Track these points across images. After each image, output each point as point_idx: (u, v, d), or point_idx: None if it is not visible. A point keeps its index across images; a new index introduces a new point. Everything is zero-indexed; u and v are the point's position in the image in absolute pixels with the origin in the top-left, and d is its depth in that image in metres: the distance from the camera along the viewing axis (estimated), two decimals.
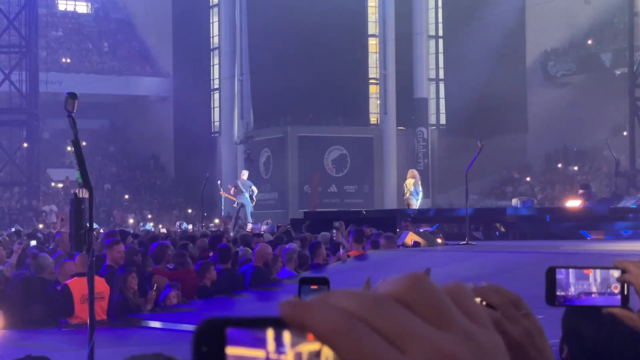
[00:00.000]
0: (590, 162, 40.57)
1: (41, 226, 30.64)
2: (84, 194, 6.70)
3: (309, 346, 0.60)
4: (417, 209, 21.31)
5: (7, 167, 39.40)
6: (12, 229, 23.87)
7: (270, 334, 0.60)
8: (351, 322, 0.60)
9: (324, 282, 1.96)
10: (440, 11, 42.98)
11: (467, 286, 0.65)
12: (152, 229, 28.78)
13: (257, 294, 12.26)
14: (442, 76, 43.11)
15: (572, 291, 1.80)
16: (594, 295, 1.81)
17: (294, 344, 0.60)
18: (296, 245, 14.26)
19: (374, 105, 42.41)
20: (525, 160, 43.18)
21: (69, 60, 47.52)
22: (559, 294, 1.79)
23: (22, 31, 38.50)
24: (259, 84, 41.62)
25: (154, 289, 11.59)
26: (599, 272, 1.82)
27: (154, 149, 47.43)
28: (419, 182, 21.87)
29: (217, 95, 44.92)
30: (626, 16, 34.90)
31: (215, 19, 44.87)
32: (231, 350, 0.60)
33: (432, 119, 43.24)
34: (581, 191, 25.39)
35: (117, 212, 37.08)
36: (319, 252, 13.68)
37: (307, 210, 31.31)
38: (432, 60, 43.06)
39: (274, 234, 18.43)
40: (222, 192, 29.09)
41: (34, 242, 15.35)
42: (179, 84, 46.04)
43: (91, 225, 6.64)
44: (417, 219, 19.52)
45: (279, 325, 0.60)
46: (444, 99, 43.24)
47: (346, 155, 40.79)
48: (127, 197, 44.32)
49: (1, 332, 10.57)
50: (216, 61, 44.84)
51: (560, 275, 1.79)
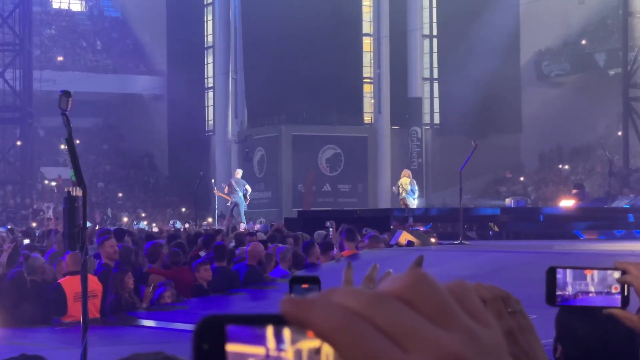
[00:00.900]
0: (584, 162, 40.63)
1: (34, 224, 30.58)
2: (77, 192, 6.68)
3: (309, 343, 0.60)
4: (414, 208, 21.35)
5: (0, 166, 39.33)
6: (7, 227, 23.81)
7: (270, 330, 0.60)
8: (353, 320, 0.60)
9: (314, 281, 1.95)
10: (434, 10, 43.01)
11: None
12: (146, 228, 28.76)
13: (251, 292, 12.26)
14: (436, 75, 43.14)
15: (570, 291, 1.80)
16: (592, 295, 1.80)
17: (294, 341, 0.60)
18: (289, 245, 14.26)
19: (368, 104, 42.42)
20: (519, 159, 43.23)
21: (63, 58, 47.44)
22: (558, 293, 1.79)
23: (16, 29, 38.45)
24: (253, 83, 41.59)
25: (150, 287, 11.58)
26: (599, 272, 1.82)
27: (148, 147, 47.39)
28: (414, 180, 21.92)
29: (211, 93, 44.89)
30: (620, 16, 34.96)
31: (209, 17, 44.85)
32: (231, 347, 0.60)
33: (426, 119, 43.27)
34: (575, 191, 25.42)
35: (97, 212, 36.87)
36: (313, 252, 13.67)
37: (301, 209, 31.31)
38: (426, 59, 43.09)
39: (267, 233, 18.42)
40: (215, 191, 29.07)
41: (27, 241, 15.29)
42: (173, 82, 45.99)
43: (84, 223, 6.63)
44: (413, 218, 19.52)
45: (280, 322, 0.60)
46: (438, 99, 43.27)
47: (340, 154, 40.79)
48: (120, 195, 44.27)
49: None
50: (210, 60, 44.81)
51: (558, 274, 1.79)
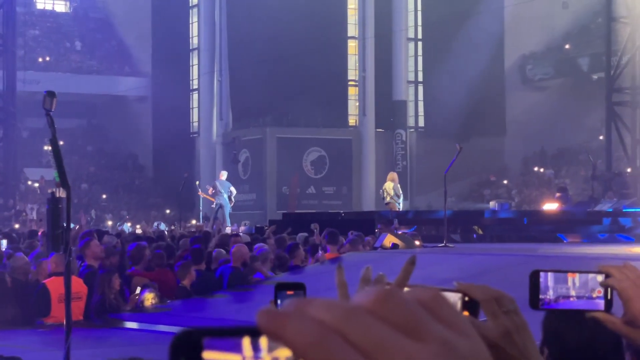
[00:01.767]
0: (567, 166, 40.77)
1: (17, 226, 30.43)
2: (61, 193, 6.65)
3: (286, 351, 0.60)
4: (397, 211, 21.37)
5: None
6: None
7: (246, 339, 0.60)
8: (325, 335, 0.59)
9: (299, 288, 1.94)
10: (419, 14, 43.07)
11: (444, 293, 0.64)
12: (130, 229, 28.67)
13: (234, 294, 12.23)
14: (421, 79, 43.20)
15: (551, 294, 1.80)
16: (572, 299, 1.81)
17: (270, 349, 0.60)
18: (268, 247, 14.22)
19: (353, 107, 42.44)
20: (503, 163, 43.34)
21: (47, 59, 47.24)
22: (541, 297, 1.79)
23: None
24: (238, 85, 41.54)
25: (136, 291, 11.53)
26: (582, 276, 1.82)
27: (132, 148, 47.25)
28: (399, 185, 21.94)
29: (196, 95, 44.81)
30: (604, 20, 35.11)
31: (194, 19, 44.76)
32: (207, 354, 0.60)
33: (411, 122, 43.32)
34: (558, 194, 25.50)
35: (83, 215, 36.81)
36: (297, 254, 13.66)
37: (286, 211, 31.28)
38: (411, 62, 43.14)
39: (252, 235, 18.40)
40: (200, 193, 29.02)
41: (4, 242, 15.15)
42: (158, 84, 45.86)
43: (68, 224, 6.60)
44: (398, 220, 19.53)
45: (256, 334, 0.60)
46: (422, 102, 43.33)
47: (325, 156, 40.79)
48: (104, 196, 44.11)
49: None
50: (195, 61, 44.73)
51: (541, 278, 1.79)
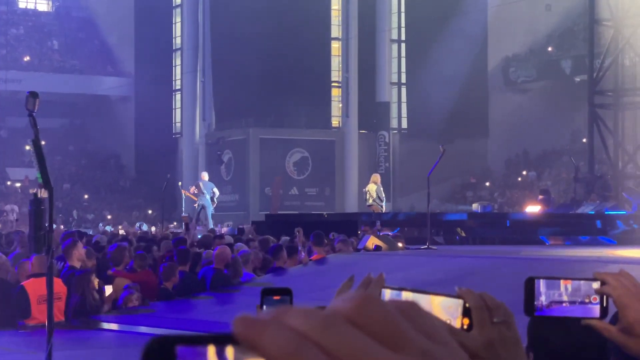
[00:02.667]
0: (550, 168, 40.92)
1: None
2: (43, 194, 6.60)
3: None
4: (380, 212, 21.36)
5: None
6: None
7: (212, 349, 0.58)
8: (301, 345, 0.58)
9: (286, 293, 1.91)
10: (403, 15, 43.12)
11: (446, 299, 0.62)
12: (111, 229, 28.54)
13: (217, 296, 12.19)
14: (404, 80, 43.25)
15: (544, 300, 1.78)
16: (565, 304, 1.79)
17: (237, 359, 0.58)
18: (251, 249, 14.20)
19: (336, 108, 42.45)
20: (485, 165, 43.45)
21: (29, 58, 47.02)
22: (534, 303, 1.78)
23: None
24: (221, 86, 41.47)
25: (112, 291, 11.49)
26: (574, 282, 1.81)
27: (115, 148, 47.10)
28: (381, 187, 21.95)
29: (178, 96, 44.71)
30: (586, 23, 35.27)
31: (178, 19, 44.66)
32: None
33: (394, 123, 43.37)
34: (541, 197, 25.58)
35: (80, 214, 36.84)
36: (280, 255, 13.64)
37: (269, 212, 31.24)
38: (394, 64, 43.19)
39: (235, 236, 18.36)
40: (183, 191, 28.94)
41: None
42: (141, 84, 45.72)
43: (51, 225, 6.55)
44: (381, 222, 19.52)
45: (231, 342, 0.58)
46: (405, 103, 43.38)
47: (308, 157, 40.78)
48: (86, 197, 43.94)
49: None
50: (178, 62, 44.63)
51: (535, 285, 1.77)
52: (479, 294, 1.39)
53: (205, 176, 27.28)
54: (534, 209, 24.68)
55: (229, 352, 0.58)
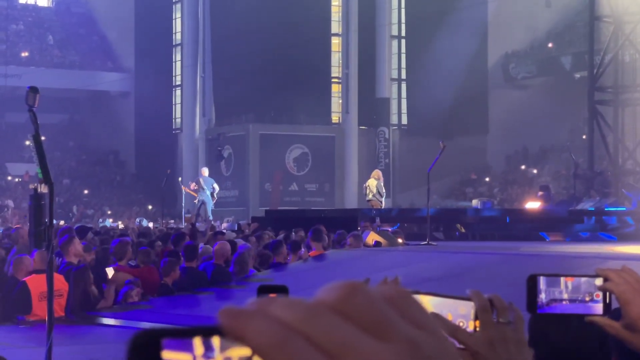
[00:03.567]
0: (549, 164, 40.91)
1: None
2: (43, 189, 6.60)
3: (239, 351, 0.58)
4: (380, 208, 21.37)
5: None
6: None
7: (198, 340, 0.58)
8: (287, 335, 0.58)
9: (282, 291, 1.90)
10: (403, 11, 43.11)
11: (458, 301, 0.62)
12: (111, 225, 28.56)
13: (218, 291, 12.20)
14: (404, 76, 43.24)
15: (543, 298, 1.79)
16: (565, 302, 1.79)
17: (223, 349, 0.58)
18: (250, 245, 14.21)
19: (336, 104, 42.43)
20: (485, 161, 43.45)
21: (29, 53, 46.99)
22: (537, 301, 1.78)
23: None
24: (221, 81, 41.46)
25: (112, 286, 11.50)
26: (580, 280, 1.81)
27: (115, 144, 47.09)
28: (382, 183, 21.94)
29: (178, 91, 44.69)
30: (586, 19, 35.25)
31: (178, 15, 44.64)
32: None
33: (394, 119, 43.36)
34: (541, 193, 25.58)
35: (78, 207, 36.81)
36: (280, 251, 13.64)
37: (268, 208, 31.25)
38: (394, 60, 43.17)
39: (235, 231, 18.37)
40: (183, 188, 28.95)
41: None
42: (141, 79, 45.71)
43: (51, 221, 6.55)
44: (380, 218, 19.54)
45: (217, 334, 0.58)
46: (405, 99, 43.37)
47: (307, 153, 40.78)
48: (86, 192, 43.95)
49: None
50: (178, 57, 44.61)
51: (538, 282, 1.77)
52: (490, 296, 1.40)
53: (205, 172, 27.29)
54: (533, 205, 24.69)
55: (216, 343, 0.58)
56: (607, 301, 1.81)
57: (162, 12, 44.76)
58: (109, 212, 40.52)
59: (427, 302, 1.32)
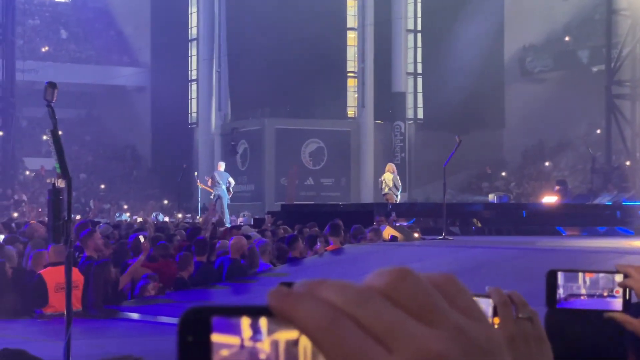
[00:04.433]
0: (566, 159, 40.77)
1: (16, 215, 30.42)
2: (61, 184, 6.63)
3: (287, 334, 0.58)
4: (395, 202, 21.34)
5: None
6: None
7: (245, 320, 0.58)
8: (336, 318, 0.58)
9: None
10: (419, 5, 43.01)
11: (476, 298, 0.62)
12: (128, 219, 28.64)
13: (233, 286, 12.23)
14: (420, 70, 43.14)
15: (561, 293, 1.79)
16: (583, 297, 1.79)
17: (270, 331, 0.58)
18: (266, 240, 14.23)
19: (352, 98, 42.39)
20: (501, 155, 43.32)
21: (46, 48, 47.15)
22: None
23: None
24: (237, 76, 41.49)
25: (127, 276, 11.57)
26: (599, 275, 1.81)
27: (131, 139, 47.21)
28: (398, 177, 21.91)
29: (194, 86, 44.75)
30: (604, 13, 35.09)
31: (193, 9, 44.68)
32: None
33: (410, 113, 43.29)
34: (557, 187, 25.53)
35: (95, 202, 36.90)
36: (297, 246, 13.65)
37: (284, 203, 31.28)
38: (410, 54, 43.08)
39: (252, 226, 18.40)
40: (199, 184, 29.01)
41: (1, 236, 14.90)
42: (157, 74, 45.81)
43: (69, 215, 6.58)
44: (396, 213, 19.51)
45: (266, 314, 0.58)
46: (421, 94, 43.28)
47: (323, 148, 40.77)
48: (102, 186, 44.10)
49: None
50: (194, 52, 44.67)
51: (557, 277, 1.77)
52: (508, 292, 1.40)
53: (221, 166, 27.32)
54: (550, 199, 24.62)
55: (263, 324, 0.58)
56: (627, 297, 1.80)
57: (178, 6, 44.82)
58: (125, 207, 40.64)
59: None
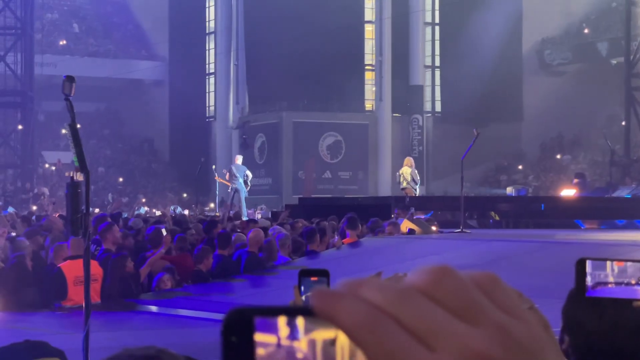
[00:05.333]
0: (585, 151, 40.61)
1: (35, 208, 30.58)
2: (79, 177, 6.66)
3: (324, 334, 0.59)
4: (414, 196, 21.32)
5: (1, 150, 39.30)
6: (8, 211, 23.77)
7: (282, 319, 0.59)
8: (377, 317, 0.58)
9: (324, 274, 1.94)
10: None
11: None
12: (146, 213, 28.71)
13: (251, 279, 12.26)
14: (438, 63, 43.05)
15: (589, 281, 1.78)
16: (611, 285, 1.79)
17: (307, 331, 0.59)
18: (286, 233, 14.26)
19: (370, 91, 42.36)
20: (520, 148, 43.20)
21: (64, 42, 47.34)
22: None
23: (17, 13, 38.34)
24: (255, 69, 41.53)
25: (146, 268, 11.63)
26: (627, 264, 1.80)
27: (149, 132, 47.37)
28: (416, 170, 21.88)
29: (212, 79, 44.83)
30: (623, 5, 34.90)
31: (211, 3, 44.74)
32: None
33: (428, 106, 43.22)
34: (576, 180, 25.42)
35: (115, 197, 37.01)
36: (314, 239, 13.67)
37: (302, 196, 31.30)
38: (428, 47, 42.99)
39: (270, 219, 18.43)
40: (216, 177, 29.07)
41: (13, 232, 14.82)
42: (175, 67, 45.92)
43: (87, 209, 6.61)
44: (415, 206, 19.48)
45: (308, 315, 0.59)
46: (439, 87, 43.20)
47: (341, 141, 40.76)
48: (121, 180, 44.27)
49: None
50: (212, 45, 44.73)
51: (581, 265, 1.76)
52: None
53: (238, 159, 27.36)
54: (569, 192, 24.53)
55: (300, 323, 0.59)
56: None
57: (196, 0, 44.89)
58: (144, 200, 40.78)
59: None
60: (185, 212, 29.19)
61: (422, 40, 42.61)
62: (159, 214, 24.03)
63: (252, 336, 0.58)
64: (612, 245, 12.23)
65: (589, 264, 1.75)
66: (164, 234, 12.28)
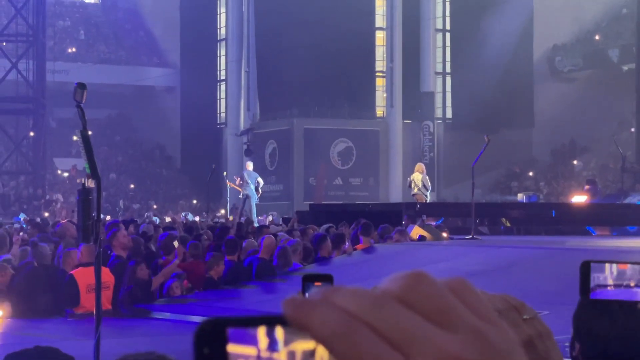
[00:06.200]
0: (596, 158, 40.51)
1: (47, 214, 30.67)
2: (90, 184, 6.68)
3: (303, 345, 0.58)
4: (425, 202, 21.28)
5: (13, 156, 39.44)
6: (20, 218, 23.86)
7: (262, 330, 0.58)
8: (351, 325, 0.57)
9: (327, 279, 1.94)
10: (447, 4, 42.90)
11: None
12: (157, 219, 28.77)
13: (262, 285, 12.27)
14: (449, 70, 43.04)
15: (595, 282, 1.78)
16: (610, 288, 1.79)
17: (287, 342, 0.58)
18: (297, 239, 14.25)
19: (381, 98, 42.37)
20: (531, 155, 43.12)
21: (76, 49, 47.52)
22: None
23: (29, 20, 38.52)
24: (266, 76, 41.60)
25: (160, 275, 11.65)
26: (633, 267, 1.80)
27: (160, 139, 47.47)
28: (427, 177, 21.84)
29: (223, 86, 44.91)
30: (634, 12, 34.84)
31: (222, 9, 44.85)
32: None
33: (439, 113, 43.19)
34: (587, 187, 25.35)
35: (124, 202, 37.12)
36: (324, 245, 13.66)
37: (313, 202, 31.31)
38: (439, 53, 42.98)
39: (280, 225, 18.44)
40: (228, 183, 29.11)
41: (23, 236, 14.79)
42: (186, 74, 46.04)
43: (99, 215, 6.63)
44: (426, 212, 19.46)
45: (282, 324, 0.58)
46: (450, 93, 43.18)
47: (352, 147, 40.77)
48: (132, 186, 44.37)
49: (7, 321, 10.59)
50: (223, 52, 44.83)
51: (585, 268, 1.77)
52: (500, 296, 1.39)
53: (249, 166, 27.40)
54: (580, 199, 24.46)
55: (279, 333, 0.58)
56: None
57: (207, 7, 45.01)
58: (155, 207, 40.86)
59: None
60: (196, 218, 29.23)
61: (433, 46, 42.62)
62: (169, 220, 24.07)
63: (225, 347, 0.57)
64: (623, 251, 12.19)
65: (593, 266, 1.75)
66: (176, 245, 12.29)
